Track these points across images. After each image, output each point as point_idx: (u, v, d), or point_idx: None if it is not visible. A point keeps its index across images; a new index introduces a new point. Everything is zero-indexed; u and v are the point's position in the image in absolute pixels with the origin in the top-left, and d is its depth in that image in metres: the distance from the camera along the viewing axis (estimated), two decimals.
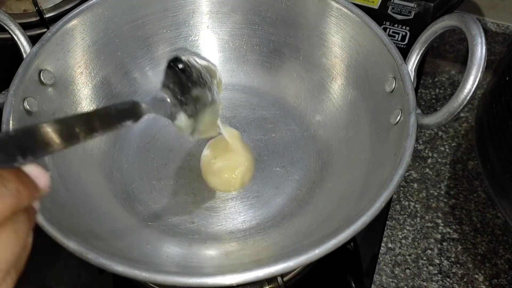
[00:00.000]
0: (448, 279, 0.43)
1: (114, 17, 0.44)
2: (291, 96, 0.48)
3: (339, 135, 0.44)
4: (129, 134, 0.46)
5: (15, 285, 0.19)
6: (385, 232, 0.45)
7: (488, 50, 0.35)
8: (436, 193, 0.48)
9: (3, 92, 0.36)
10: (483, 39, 0.32)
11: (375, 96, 0.40)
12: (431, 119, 0.34)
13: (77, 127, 0.22)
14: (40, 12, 0.54)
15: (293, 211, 0.41)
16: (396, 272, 0.43)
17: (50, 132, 0.21)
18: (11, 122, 0.34)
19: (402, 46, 0.55)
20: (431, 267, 0.43)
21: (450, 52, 0.61)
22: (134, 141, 0.45)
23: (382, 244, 0.45)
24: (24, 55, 0.39)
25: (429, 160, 0.51)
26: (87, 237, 0.32)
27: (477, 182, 0.49)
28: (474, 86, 0.32)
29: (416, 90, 0.50)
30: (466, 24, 0.33)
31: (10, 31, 0.39)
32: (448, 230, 0.46)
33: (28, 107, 0.36)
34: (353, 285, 0.43)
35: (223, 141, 0.42)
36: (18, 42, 0.39)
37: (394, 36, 0.56)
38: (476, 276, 0.43)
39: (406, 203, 0.47)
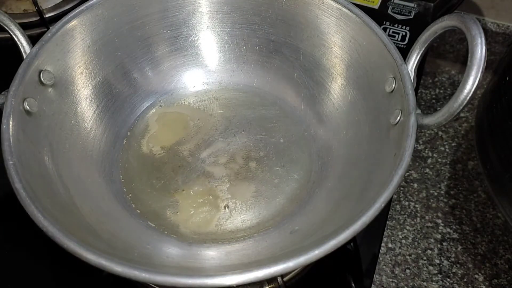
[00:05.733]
0: (448, 279, 0.43)
1: (114, 17, 0.44)
2: (291, 96, 0.48)
3: (339, 135, 0.44)
4: (129, 134, 0.46)
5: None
6: (385, 232, 0.45)
7: (488, 50, 0.35)
8: (436, 193, 0.48)
9: (3, 93, 0.36)
10: (483, 39, 0.32)
11: (375, 96, 0.40)
12: (431, 119, 0.34)
13: None
14: (40, 12, 0.54)
15: (293, 211, 0.41)
16: (396, 272, 0.43)
17: None
18: (11, 122, 0.34)
19: (402, 46, 0.55)
20: (431, 267, 0.43)
21: (450, 52, 0.60)
22: (134, 141, 0.45)
23: (382, 244, 0.45)
24: (24, 56, 0.38)
25: (429, 160, 0.50)
26: (87, 237, 0.32)
27: (477, 182, 0.49)
28: (474, 86, 0.32)
29: (416, 90, 0.50)
30: (466, 24, 0.33)
31: (10, 32, 0.39)
32: (448, 230, 0.46)
33: (28, 107, 0.36)
34: (353, 285, 0.43)
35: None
36: (18, 43, 0.39)
37: (394, 36, 0.56)
38: (476, 276, 0.43)
39: (406, 203, 0.47)
